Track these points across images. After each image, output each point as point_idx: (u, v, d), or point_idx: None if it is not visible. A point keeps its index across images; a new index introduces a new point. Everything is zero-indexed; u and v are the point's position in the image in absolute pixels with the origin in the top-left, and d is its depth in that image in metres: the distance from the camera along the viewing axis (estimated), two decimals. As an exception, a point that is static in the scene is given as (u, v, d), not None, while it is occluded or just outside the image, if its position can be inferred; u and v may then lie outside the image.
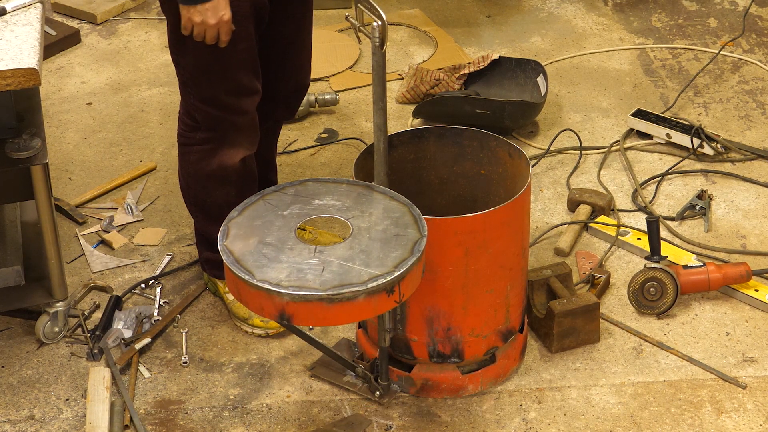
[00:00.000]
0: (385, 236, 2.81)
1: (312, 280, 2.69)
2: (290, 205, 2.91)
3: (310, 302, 2.66)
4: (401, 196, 2.93)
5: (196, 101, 3.14)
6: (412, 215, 2.87)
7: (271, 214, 2.88)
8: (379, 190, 2.96)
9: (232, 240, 2.80)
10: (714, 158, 4.04)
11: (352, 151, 4.14)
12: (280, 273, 2.71)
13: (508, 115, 4.09)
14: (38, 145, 3.15)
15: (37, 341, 3.37)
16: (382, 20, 2.77)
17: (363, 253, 2.76)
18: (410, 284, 2.76)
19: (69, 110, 4.39)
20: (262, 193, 2.95)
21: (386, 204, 2.91)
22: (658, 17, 4.94)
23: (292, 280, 2.69)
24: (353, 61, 4.63)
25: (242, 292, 2.74)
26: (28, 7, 3.20)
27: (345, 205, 2.91)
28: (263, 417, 3.14)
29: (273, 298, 2.68)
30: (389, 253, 2.76)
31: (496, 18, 4.97)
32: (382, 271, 2.71)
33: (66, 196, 3.93)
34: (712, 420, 3.10)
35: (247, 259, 2.75)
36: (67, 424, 3.13)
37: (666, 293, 3.40)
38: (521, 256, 3.11)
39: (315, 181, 3.00)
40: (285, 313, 2.68)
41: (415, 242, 2.79)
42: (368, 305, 2.70)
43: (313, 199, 2.92)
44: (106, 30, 4.90)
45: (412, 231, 2.82)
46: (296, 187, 2.97)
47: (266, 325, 3.33)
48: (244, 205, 2.91)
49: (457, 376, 3.15)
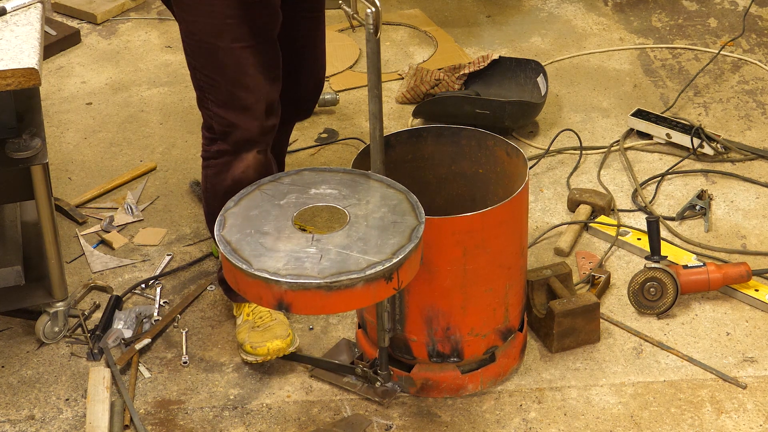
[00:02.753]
0: (383, 223, 2.80)
1: (310, 268, 2.68)
2: (287, 194, 2.90)
3: (309, 290, 2.66)
4: (398, 184, 2.93)
5: (214, 106, 3.10)
6: (409, 202, 2.87)
7: (268, 204, 2.88)
8: (375, 178, 2.96)
9: (228, 230, 2.80)
10: (714, 158, 4.04)
11: (352, 151, 4.14)
12: (277, 262, 2.70)
13: (508, 115, 4.09)
14: (38, 145, 3.15)
15: (37, 341, 3.37)
16: (375, 7, 2.77)
17: (361, 241, 2.76)
18: (409, 271, 2.76)
19: (69, 110, 4.39)
20: (258, 183, 2.95)
21: (383, 192, 2.91)
22: (658, 17, 4.94)
23: (290, 269, 2.68)
24: (353, 61, 4.63)
25: (240, 281, 2.74)
26: (28, 7, 3.20)
27: (342, 194, 2.90)
28: (263, 417, 3.14)
29: (271, 287, 2.67)
30: (387, 240, 2.76)
31: (496, 18, 4.97)
32: (380, 258, 2.70)
33: (66, 196, 3.93)
34: (712, 420, 3.10)
35: (245, 249, 2.74)
36: (67, 424, 3.14)
37: (666, 293, 3.40)
38: (520, 255, 3.11)
39: (311, 170, 3.00)
40: (283, 302, 2.68)
41: (413, 229, 2.78)
42: (367, 292, 2.69)
43: (310, 188, 2.92)
44: (106, 30, 4.90)
45: (410, 218, 2.82)
46: (292, 177, 2.97)
47: (255, 352, 3.23)
48: (241, 195, 2.91)
49: (456, 376, 3.15)
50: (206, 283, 3.57)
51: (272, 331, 3.23)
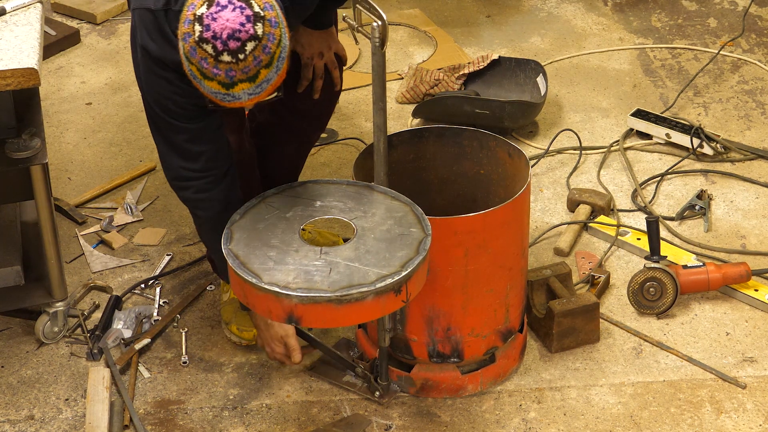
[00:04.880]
0: (390, 236, 2.81)
1: (320, 281, 2.68)
2: (292, 207, 2.90)
3: (319, 304, 2.65)
4: (402, 196, 2.93)
5: None
6: (414, 214, 2.87)
7: (274, 217, 2.87)
8: (379, 190, 2.96)
9: (236, 243, 2.80)
10: (714, 158, 4.04)
11: (351, 151, 4.14)
12: (287, 275, 2.70)
13: (508, 115, 4.09)
14: (38, 145, 3.15)
15: (36, 341, 3.37)
16: (382, 20, 2.76)
17: (369, 254, 2.75)
18: (417, 283, 2.76)
19: (69, 110, 4.39)
20: (262, 195, 2.94)
21: (388, 204, 2.91)
22: (657, 17, 4.94)
23: (299, 282, 2.68)
24: (353, 62, 4.63)
25: (249, 295, 2.73)
26: (27, 7, 3.20)
27: (347, 206, 2.90)
28: (263, 417, 3.14)
29: (281, 301, 2.67)
30: (395, 252, 2.76)
31: (496, 18, 4.97)
32: (389, 271, 2.70)
33: (66, 196, 3.93)
34: (712, 420, 3.10)
35: (253, 263, 2.74)
36: (67, 424, 3.13)
37: (666, 293, 3.40)
38: (521, 256, 3.11)
39: (315, 183, 3.00)
40: (294, 316, 2.67)
41: (420, 241, 2.78)
42: (377, 305, 2.69)
43: (315, 201, 2.92)
44: (106, 30, 4.90)
45: (416, 230, 2.82)
46: (296, 189, 2.97)
47: (240, 335, 3.32)
48: (246, 208, 2.91)
49: (456, 376, 3.15)
50: (206, 283, 3.56)
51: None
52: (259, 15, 2.57)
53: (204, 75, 2.61)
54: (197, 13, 2.57)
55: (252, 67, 2.59)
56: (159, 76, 2.82)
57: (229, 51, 2.55)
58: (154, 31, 2.79)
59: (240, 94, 2.63)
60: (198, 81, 2.64)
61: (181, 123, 2.89)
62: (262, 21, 2.57)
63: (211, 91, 2.64)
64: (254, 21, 2.56)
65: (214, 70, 2.58)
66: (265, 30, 2.58)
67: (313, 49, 3.19)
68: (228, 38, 2.55)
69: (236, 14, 2.55)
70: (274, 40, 2.60)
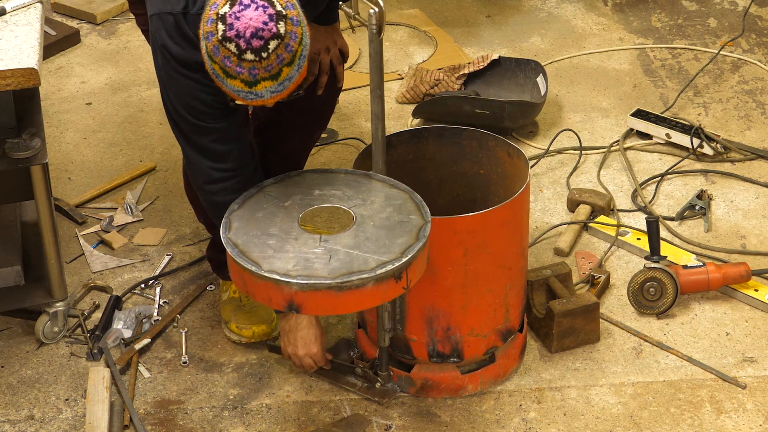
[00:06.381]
0: (389, 223, 2.81)
1: (320, 268, 2.68)
2: (291, 196, 2.91)
3: (320, 291, 2.66)
4: (401, 184, 2.93)
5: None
6: (413, 202, 2.87)
7: (273, 206, 2.88)
8: (377, 178, 2.97)
9: (235, 232, 2.80)
10: (714, 158, 4.04)
11: (351, 151, 4.14)
12: (287, 263, 2.70)
13: (508, 115, 4.09)
14: (38, 145, 3.15)
15: (36, 341, 3.37)
16: (379, 7, 2.77)
17: (368, 241, 2.76)
18: (417, 270, 2.76)
19: (69, 110, 4.39)
20: (260, 185, 2.95)
21: (387, 192, 2.91)
22: (657, 17, 4.94)
23: (299, 270, 2.68)
24: (353, 62, 4.63)
25: (248, 283, 2.73)
26: (27, 7, 3.20)
27: (346, 194, 2.91)
28: (263, 417, 3.14)
29: (281, 288, 2.67)
30: (395, 239, 2.76)
31: (496, 18, 4.97)
32: (389, 258, 2.71)
33: (66, 196, 3.93)
34: (712, 420, 3.10)
35: (252, 251, 2.74)
36: (67, 424, 3.14)
37: (666, 293, 3.40)
38: (520, 256, 3.11)
39: (313, 172, 3.01)
40: (294, 303, 2.68)
41: (420, 228, 2.79)
42: (377, 292, 2.70)
43: (313, 189, 2.92)
44: (106, 30, 4.90)
45: (416, 217, 2.82)
46: (295, 179, 2.97)
47: (240, 333, 3.32)
48: (244, 197, 2.91)
49: (456, 376, 3.15)
50: (206, 283, 3.57)
51: (258, 314, 3.31)
52: (282, 14, 2.59)
53: (227, 73, 2.63)
54: (220, 12, 2.59)
55: (275, 65, 2.61)
56: (183, 76, 2.84)
57: (252, 49, 2.57)
58: (176, 34, 2.80)
59: (263, 92, 2.65)
60: (221, 79, 2.66)
61: (207, 123, 2.90)
62: (285, 19, 2.59)
63: (234, 90, 2.66)
64: (277, 20, 2.58)
65: (237, 69, 2.61)
66: (287, 28, 2.60)
67: (319, 44, 3.20)
68: (251, 37, 2.57)
69: (259, 13, 2.58)
70: (296, 39, 2.62)
